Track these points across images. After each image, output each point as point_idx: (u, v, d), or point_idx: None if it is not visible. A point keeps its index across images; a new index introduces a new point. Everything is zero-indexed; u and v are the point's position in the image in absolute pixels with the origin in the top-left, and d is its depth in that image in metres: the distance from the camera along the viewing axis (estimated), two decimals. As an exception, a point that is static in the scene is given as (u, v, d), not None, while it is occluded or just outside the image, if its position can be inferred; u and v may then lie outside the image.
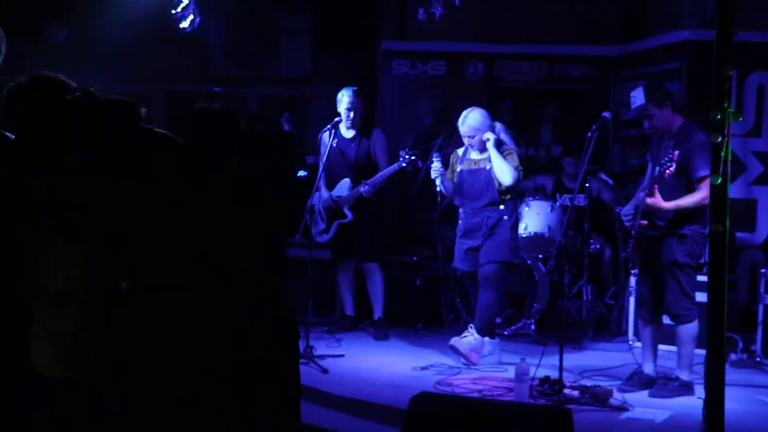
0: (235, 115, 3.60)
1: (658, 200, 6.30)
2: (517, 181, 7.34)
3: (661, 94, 6.61)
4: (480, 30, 10.11)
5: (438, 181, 7.49)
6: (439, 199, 7.66)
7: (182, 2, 8.30)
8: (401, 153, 7.99)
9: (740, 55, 8.09)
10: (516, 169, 7.27)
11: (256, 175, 3.45)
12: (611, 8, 10.20)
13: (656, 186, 6.31)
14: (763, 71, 8.71)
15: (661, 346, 6.93)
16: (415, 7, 8.42)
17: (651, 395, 6.48)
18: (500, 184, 7.29)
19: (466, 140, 7.40)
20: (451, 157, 7.68)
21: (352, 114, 8.15)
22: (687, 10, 8.91)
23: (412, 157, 7.99)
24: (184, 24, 8.57)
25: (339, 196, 8.28)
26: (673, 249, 6.43)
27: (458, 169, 7.53)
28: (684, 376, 6.51)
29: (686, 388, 6.46)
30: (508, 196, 7.38)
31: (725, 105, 3.25)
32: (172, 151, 3.41)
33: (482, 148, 7.38)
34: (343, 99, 8.12)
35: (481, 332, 7.27)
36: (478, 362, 7.19)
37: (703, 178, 6.27)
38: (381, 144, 8.33)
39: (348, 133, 8.29)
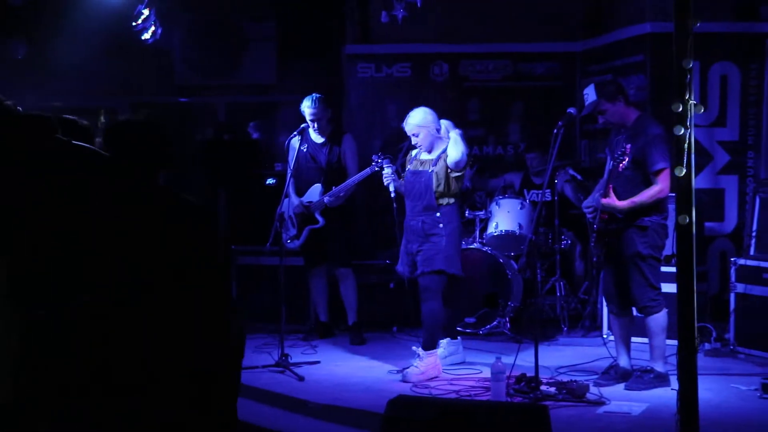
0: (157, 127, 3.51)
1: (612, 200, 6.36)
2: (465, 164, 7.17)
3: (613, 88, 6.67)
4: (444, 31, 10.11)
5: (391, 187, 7.42)
6: (395, 205, 7.51)
7: (143, 14, 8.25)
8: (374, 157, 7.95)
9: (703, 45, 8.23)
10: (466, 155, 7.11)
11: (177, 190, 3.40)
12: (574, 4, 10.23)
13: (611, 186, 6.35)
14: (726, 61, 8.75)
15: (634, 339, 6.96)
16: (378, 10, 8.40)
17: (627, 388, 6.50)
18: (439, 185, 7.11)
19: (412, 139, 7.28)
20: (406, 158, 7.62)
21: (317, 124, 8.15)
22: (648, 3, 8.94)
23: (385, 161, 7.98)
24: (146, 36, 8.52)
25: (310, 202, 8.25)
26: (634, 241, 6.46)
27: (408, 169, 7.45)
28: (658, 367, 6.54)
29: (662, 380, 6.49)
30: (446, 201, 7.16)
31: (686, 97, 3.26)
32: (89, 164, 3.38)
33: (430, 149, 7.26)
34: (306, 110, 8.11)
35: (426, 347, 7.04)
36: (440, 371, 7.06)
37: (660, 171, 6.32)
38: (351, 150, 8.31)
39: (318, 139, 8.28)
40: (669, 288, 6.83)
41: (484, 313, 8.33)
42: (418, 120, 7.17)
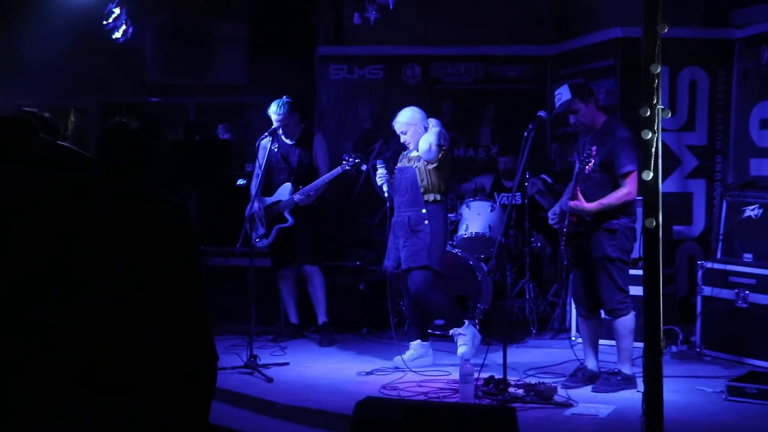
0: (150, 130, 3.53)
1: (581, 203, 6.39)
2: (435, 156, 7.23)
3: (586, 90, 6.73)
4: (416, 33, 10.13)
5: (385, 187, 7.49)
6: (388, 204, 7.59)
7: (114, 13, 8.20)
8: (345, 156, 8.01)
9: (673, 50, 8.28)
10: (438, 146, 7.21)
11: (164, 194, 3.40)
12: (545, 8, 10.28)
13: (578, 188, 6.40)
14: (695, 66, 8.82)
15: (602, 341, 7.00)
16: (351, 12, 8.41)
17: (594, 390, 6.54)
18: (422, 179, 7.30)
19: (401, 137, 7.42)
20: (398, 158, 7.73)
21: (283, 129, 8.17)
22: (619, 8, 9.00)
23: (356, 160, 8.01)
24: (117, 35, 8.47)
25: (279, 200, 8.25)
26: (603, 244, 6.51)
27: (386, 192, 7.56)
28: (626, 369, 6.58)
29: (629, 382, 6.53)
30: (432, 197, 7.34)
31: (654, 101, 3.29)
32: (72, 164, 3.37)
33: (417, 147, 7.39)
34: (273, 116, 8.12)
35: (457, 324, 7.42)
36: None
37: (627, 174, 6.37)
38: (322, 150, 8.33)
39: (289, 140, 8.29)
40: (636, 291, 6.88)
41: (455, 314, 8.32)
42: (406, 118, 7.36)
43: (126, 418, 3.04)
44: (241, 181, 8.93)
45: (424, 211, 7.29)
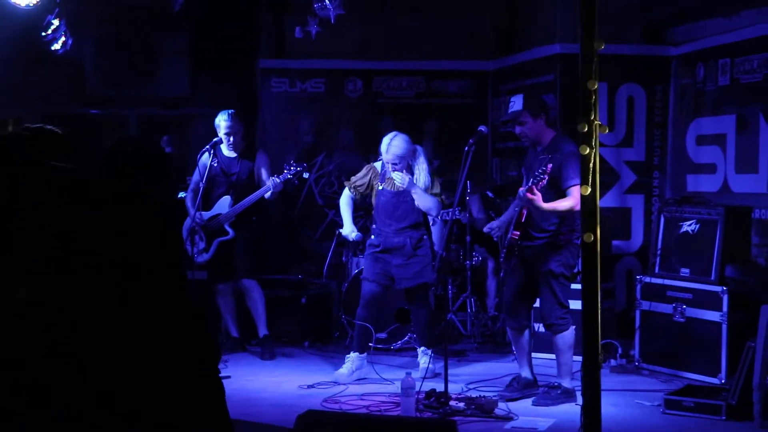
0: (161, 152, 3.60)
1: (538, 197, 6.36)
2: (438, 209, 7.60)
3: (539, 105, 6.77)
4: (358, 47, 10.16)
5: (399, 181, 7.45)
6: (330, 218, 7.63)
7: (53, 24, 8.11)
8: (285, 166, 8.00)
9: (611, 67, 8.40)
10: (438, 200, 7.54)
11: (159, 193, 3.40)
12: (486, 23, 10.36)
13: (534, 186, 6.40)
14: (633, 83, 8.94)
15: (541, 355, 7.06)
16: (292, 25, 8.41)
17: (534, 404, 6.60)
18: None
19: (389, 166, 7.46)
20: (369, 171, 7.72)
21: (231, 138, 8.13)
22: (559, 24, 9.10)
23: (298, 168, 8.01)
24: (56, 46, 8.37)
25: (219, 213, 8.21)
26: (548, 258, 6.57)
27: (379, 188, 7.55)
28: (565, 383, 6.65)
29: (568, 395, 6.60)
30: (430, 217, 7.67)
31: (592, 117, 3.33)
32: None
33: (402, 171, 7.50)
34: (221, 124, 8.10)
35: (430, 345, 7.56)
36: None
37: (572, 187, 6.42)
38: (266, 165, 8.30)
39: (230, 154, 8.25)
40: (576, 305, 6.95)
41: (396, 328, 8.36)
42: (400, 150, 7.42)
43: (127, 419, 3.01)
44: (182, 194, 8.86)
45: (423, 230, 7.62)
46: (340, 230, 8.13)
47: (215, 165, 8.14)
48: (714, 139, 8.20)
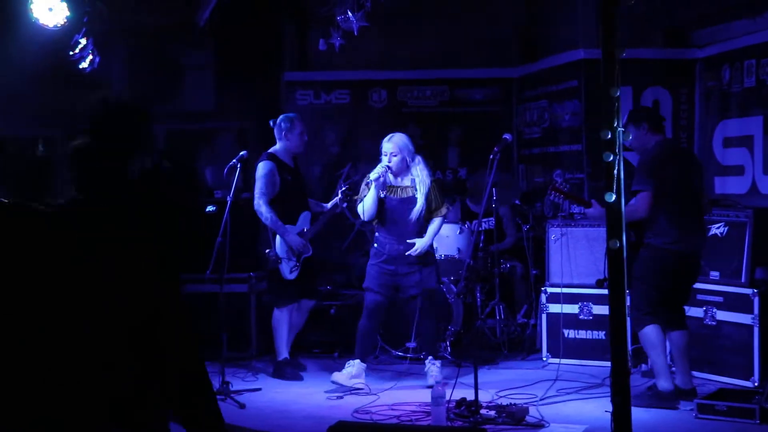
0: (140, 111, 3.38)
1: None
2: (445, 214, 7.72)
3: (639, 113, 7.03)
4: (382, 57, 10.20)
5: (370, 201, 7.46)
6: (361, 227, 7.64)
7: (80, 43, 8.19)
8: (339, 189, 8.06)
9: (635, 71, 8.38)
10: (443, 218, 7.66)
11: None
12: (509, 30, 10.38)
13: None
14: (658, 86, 8.92)
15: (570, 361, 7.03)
16: (316, 37, 8.44)
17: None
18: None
19: (386, 156, 7.47)
20: (366, 182, 7.67)
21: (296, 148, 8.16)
22: (581, 30, 9.10)
23: (345, 188, 8.03)
24: (84, 65, 8.46)
25: (304, 228, 8.06)
26: (638, 260, 6.71)
27: (381, 195, 7.55)
28: (660, 384, 6.75)
29: (660, 398, 6.72)
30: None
31: (615, 124, 3.33)
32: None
33: (395, 173, 7.52)
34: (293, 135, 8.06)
35: (435, 354, 7.66)
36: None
37: (635, 192, 6.58)
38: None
39: (291, 163, 8.11)
40: (603, 310, 6.96)
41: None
42: (402, 142, 7.54)
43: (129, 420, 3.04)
44: (210, 208, 8.89)
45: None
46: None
47: (289, 179, 8.00)
48: (741, 141, 8.16)
